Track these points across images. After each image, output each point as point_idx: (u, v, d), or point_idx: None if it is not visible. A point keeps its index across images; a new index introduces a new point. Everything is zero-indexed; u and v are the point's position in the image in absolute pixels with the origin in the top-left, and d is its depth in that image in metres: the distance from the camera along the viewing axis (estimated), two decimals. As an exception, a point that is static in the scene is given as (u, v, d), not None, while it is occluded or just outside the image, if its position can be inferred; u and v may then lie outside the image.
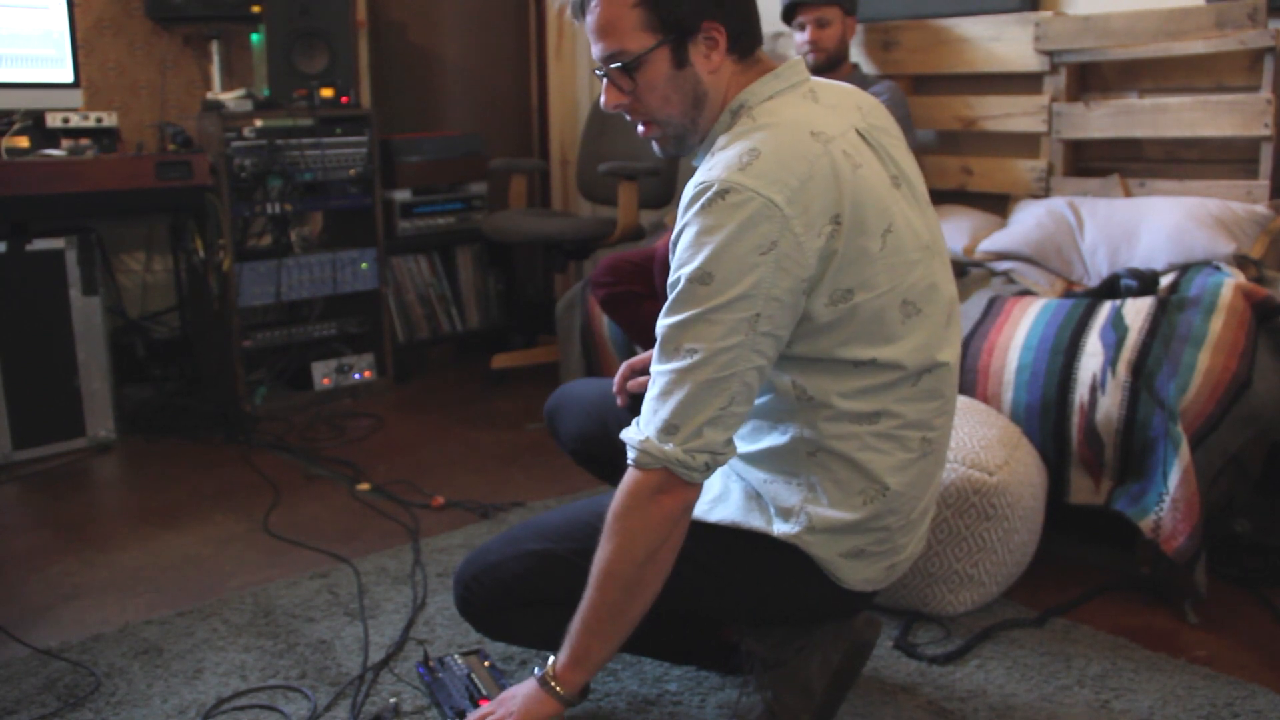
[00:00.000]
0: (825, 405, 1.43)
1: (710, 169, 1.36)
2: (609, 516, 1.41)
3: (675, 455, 1.34)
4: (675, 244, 1.38)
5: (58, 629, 2.05)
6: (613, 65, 1.43)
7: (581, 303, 3.29)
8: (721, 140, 1.42)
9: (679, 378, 1.34)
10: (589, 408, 1.91)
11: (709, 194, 1.33)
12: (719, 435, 1.36)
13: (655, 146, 1.54)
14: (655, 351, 1.39)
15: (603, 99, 1.49)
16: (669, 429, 1.35)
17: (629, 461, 1.39)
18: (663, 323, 1.37)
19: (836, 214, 1.35)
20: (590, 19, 1.42)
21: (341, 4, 3.50)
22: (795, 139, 1.37)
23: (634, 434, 1.39)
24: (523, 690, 1.53)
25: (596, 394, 1.91)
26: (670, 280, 1.38)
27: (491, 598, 1.63)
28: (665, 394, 1.36)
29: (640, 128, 1.51)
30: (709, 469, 1.37)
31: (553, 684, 1.49)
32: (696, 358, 1.33)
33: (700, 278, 1.32)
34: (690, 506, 1.41)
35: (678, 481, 1.37)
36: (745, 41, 1.45)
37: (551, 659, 1.51)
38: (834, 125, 1.41)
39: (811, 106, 1.44)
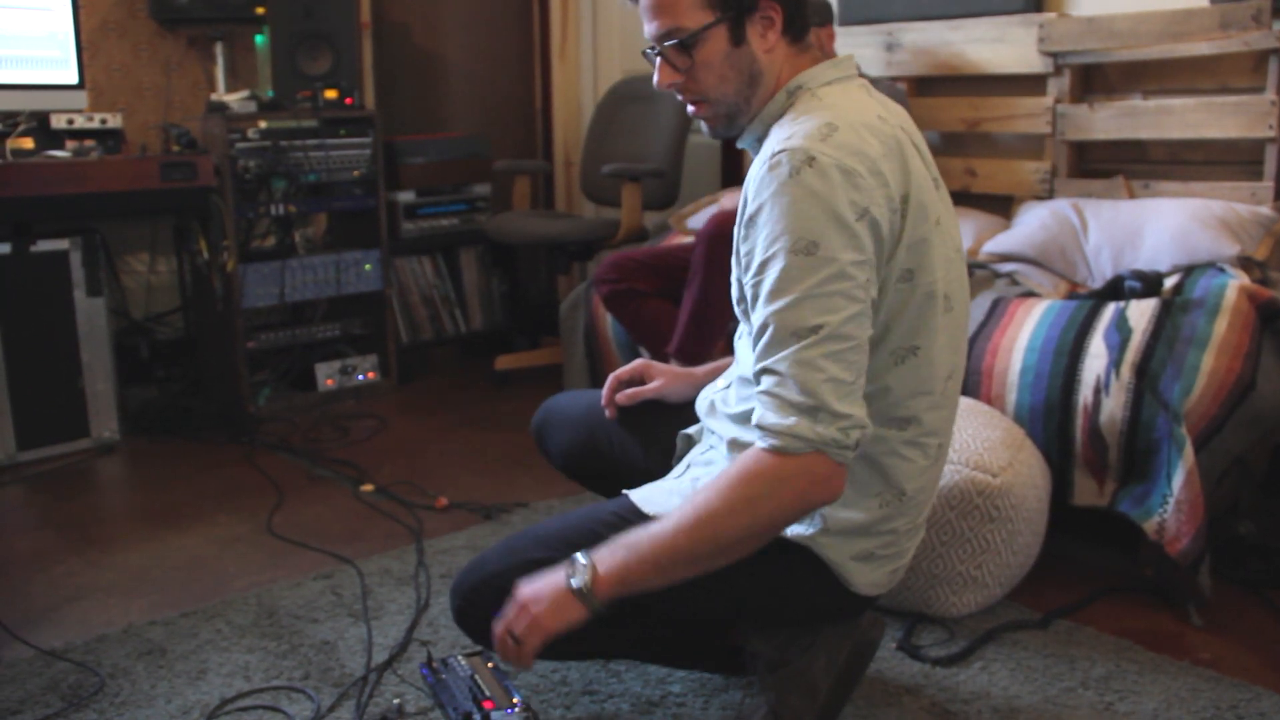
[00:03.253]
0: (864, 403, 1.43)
1: (789, 139, 1.35)
2: (736, 476, 1.33)
3: (830, 436, 1.29)
4: (755, 218, 1.34)
5: (61, 629, 2.05)
6: (668, 43, 1.42)
7: (585, 304, 3.29)
8: (787, 116, 1.42)
9: (807, 358, 1.29)
10: (576, 422, 1.88)
11: (795, 162, 1.31)
12: (859, 410, 1.31)
13: (704, 127, 1.53)
14: (765, 342, 1.33)
15: (655, 78, 1.47)
16: (811, 411, 1.29)
17: (765, 447, 1.31)
18: (770, 309, 1.31)
19: (905, 193, 1.38)
20: None
21: (345, 6, 3.50)
22: (866, 120, 1.38)
23: (774, 420, 1.31)
24: (548, 590, 1.40)
25: (584, 407, 1.89)
26: (761, 255, 1.33)
27: (491, 608, 1.61)
28: (793, 377, 1.29)
29: (690, 107, 1.50)
30: (858, 445, 1.32)
31: (588, 591, 1.37)
32: (821, 334, 1.29)
33: (805, 249, 1.30)
34: (837, 496, 1.36)
35: (828, 464, 1.31)
36: (798, 24, 1.46)
37: (589, 559, 1.38)
38: (891, 118, 1.44)
39: (869, 97, 1.46)
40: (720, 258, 2.52)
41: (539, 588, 1.41)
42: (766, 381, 1.33)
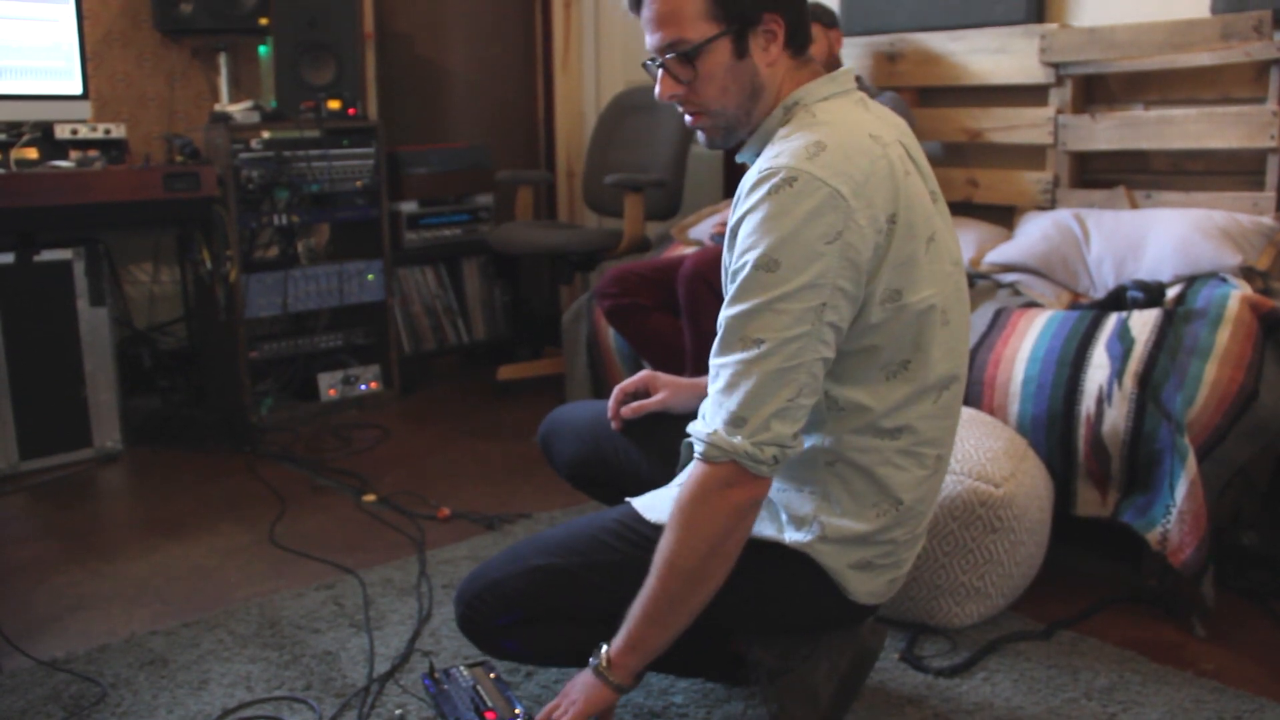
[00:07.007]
0: (854, 416, 1.44)
1: (775, 157, 1.37)
2: (674, 508, 1.41)
3: (744, 448, 1.34)
4: (735, 231, 1.39)
5: (64, 639, 2.05)
6: (671, 54, 1.43)
7: (587, 314, 3.30)
8: (781, 132, 1.44)
9: (745, 369, 1.34)
10: (582, 432, 1.90)
11: (775, 180, 1.34)
12: (787, 428, 1.35)
13: (702, 137, 1.53)
14: (716, 343, 1.38)
15: (658, 90, 1.48)
16: (736, 421, 1.35)
17: (696, 455, 1.39)
18: (727, 313, 1.37)
19: (892, 213, 1.38)
20: (649, 10, 1.43)
21: (348, 16, 3.51)
22: (857, 138, 1.39)
23: (701, 427, 1.39)
24: (579, 681, 1.51)
25: (590, 418, 1.90)
26: (733, 266, 1.38)
27: (494, 615, 1.61)
28: (731, 386, 1.35)
29: (689, 118, 1.50)
30: (777, 462, 1.37)
31: (606, 672, 1.47)
32: (763, 348, 1.33)
33: (766, 264, 1.33)
34: (759, 501, 1.41)
35: (746, 475, 1.36)
36: (800, 38, 1.47)
37: (605, 646, 1.48)
38: (886, 133, 1.44)
39: (865, 113, 1.47)
40: (703, 295, 2.57)
41: (575, 681, 1.52)
42: (714, 382, 1.38)
